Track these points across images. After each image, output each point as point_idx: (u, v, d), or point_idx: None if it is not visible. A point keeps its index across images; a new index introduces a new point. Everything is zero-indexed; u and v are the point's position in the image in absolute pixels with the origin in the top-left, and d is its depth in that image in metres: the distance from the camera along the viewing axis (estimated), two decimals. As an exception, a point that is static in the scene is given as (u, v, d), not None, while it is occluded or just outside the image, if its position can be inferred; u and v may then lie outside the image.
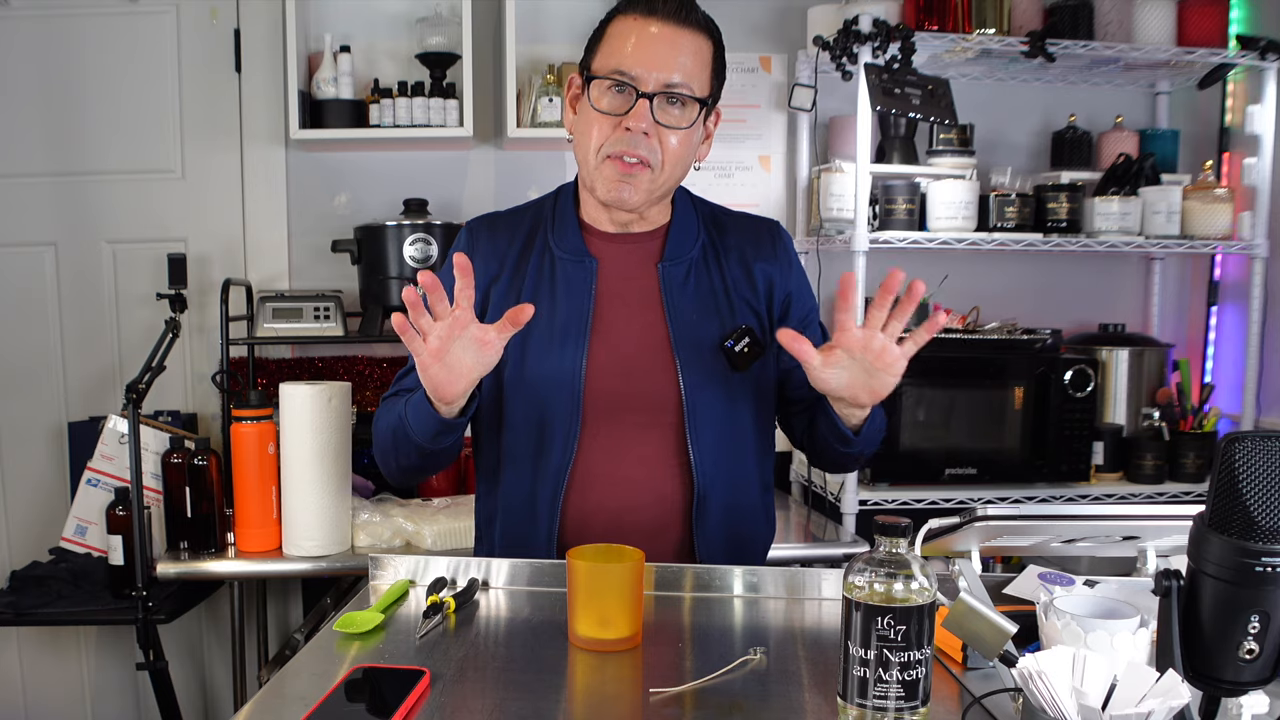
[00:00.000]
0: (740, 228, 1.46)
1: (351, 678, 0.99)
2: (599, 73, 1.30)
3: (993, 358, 2.43)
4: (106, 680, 2.63)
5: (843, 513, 2.36)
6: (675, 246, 1.39)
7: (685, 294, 1.37)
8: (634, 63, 1.27)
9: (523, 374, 1.35)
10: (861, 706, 0.88)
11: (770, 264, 1.43)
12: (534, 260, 1.38)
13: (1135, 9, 2.47)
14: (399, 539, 2.05)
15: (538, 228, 1.41)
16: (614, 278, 1.38)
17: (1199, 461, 2.51)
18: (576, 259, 1.37)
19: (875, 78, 2.28)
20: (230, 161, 2.59)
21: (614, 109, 1.29)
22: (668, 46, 1.28)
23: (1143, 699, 0.80)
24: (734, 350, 1.34)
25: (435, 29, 2.47)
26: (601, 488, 1.34)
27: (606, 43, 1.31)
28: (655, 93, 1.27)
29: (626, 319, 1.36)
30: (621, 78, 1.27)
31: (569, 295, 1.36)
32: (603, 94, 1.30)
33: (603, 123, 1.29)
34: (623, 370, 1.34)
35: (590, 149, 1.31)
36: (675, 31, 1.28)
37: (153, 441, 2.10)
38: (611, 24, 1.32)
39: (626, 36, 1.29)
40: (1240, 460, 0.79)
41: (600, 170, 1.31)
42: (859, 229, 2.34)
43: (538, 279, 1.37)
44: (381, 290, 2.39)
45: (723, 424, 1.36)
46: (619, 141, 1.28)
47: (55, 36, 2.52)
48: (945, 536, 1.19)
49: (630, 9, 1.30)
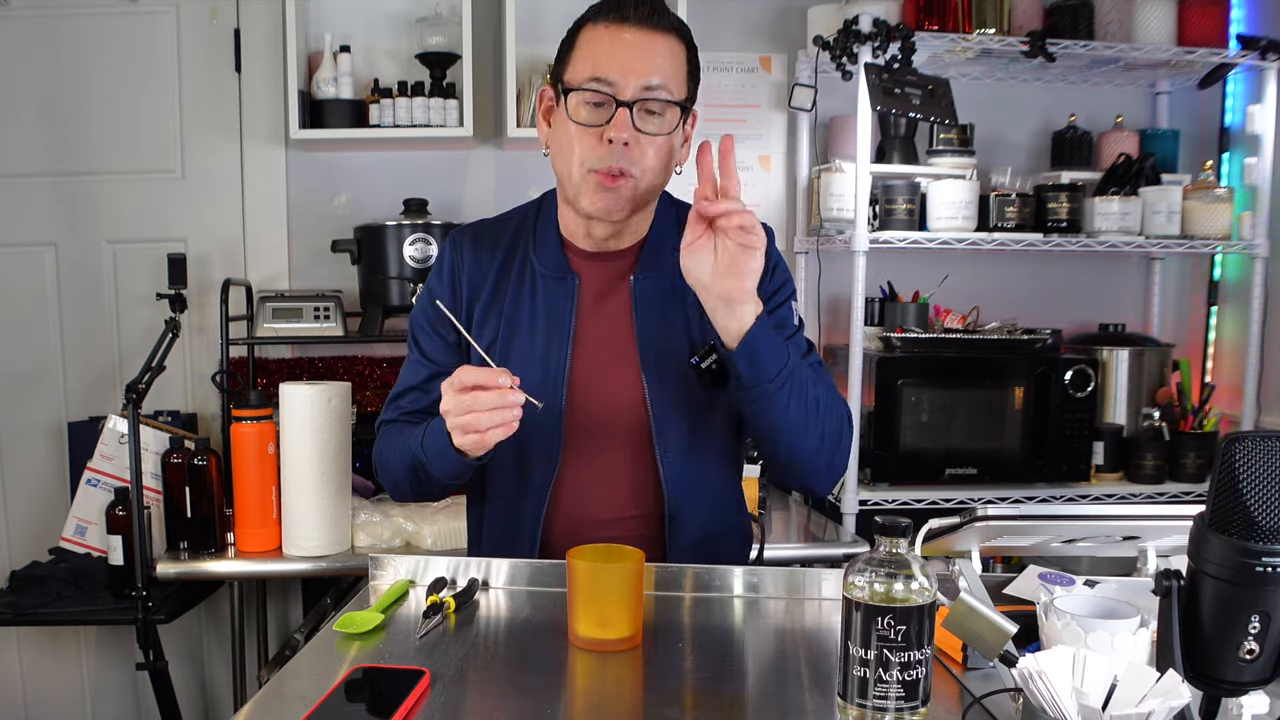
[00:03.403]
0: None
1: (351, 678, 0.99)
2: (574, 84, 1.26)
3: (993, 358, 2.43)
4: (106, 680, 2.63)
5: (843, 513, 2.36)
6: (649, 260, 1.37)
7: (655, 310, 1.35)
8: (610, 70, 1.24)
9: None
10: (861, 706, 0.88)
11: None
12: (515, 275, 1.37)
13: (1135, 9, 2.47)
14: (399, 539, 2.05)
15: (519, 241, 1.40)
16: (592, 294, 1.36)
17: (1199, 461, 2.51)
18: (558, 276, 1.36)
19: (875, 78, 2.28)
20: (230, 161, 2.59)
21: (593, 120, 1.26)
22: (643, 51, 1.25)
23: (1143, 699, 0.80)
24: (700, 367, 1.29)
25: (435, 29, 2.47)
26: (581, 505, 1.34)
27: (579, 52, 1.28)
28: (634, 100, 1.25)
29: (601, 336, 1.35)
30: (599, 87, 1.24)
31: (549, 312, 1.35)
32: (580, 105, 1.27)
33: (583, 136, 1.26)
34: (599, 389, 1.34)
35: (573, 163, 1.28)
36: (649, 36, 1.26)
37: (153, 441, 2.10)
38: (581, 33, 1.28)
39: (599, 44, 1.26)
40: (1240, 460, 0.79)
41: (585, 184, 1.28)
42: (859, 229, 2.34)
43: (518, 295, 1.36)
44: (381, 290, 2.39)
45: (692, 442, 1.35)
46: (602, 156, 1.25)
47: (55, 36, 2.52)
48: (945, 536, 1.19)
49: (600, 17, 1.27)
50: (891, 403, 2.37)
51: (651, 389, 1.32)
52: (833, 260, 2.62)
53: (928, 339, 2.44)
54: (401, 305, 2.38)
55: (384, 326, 2.40)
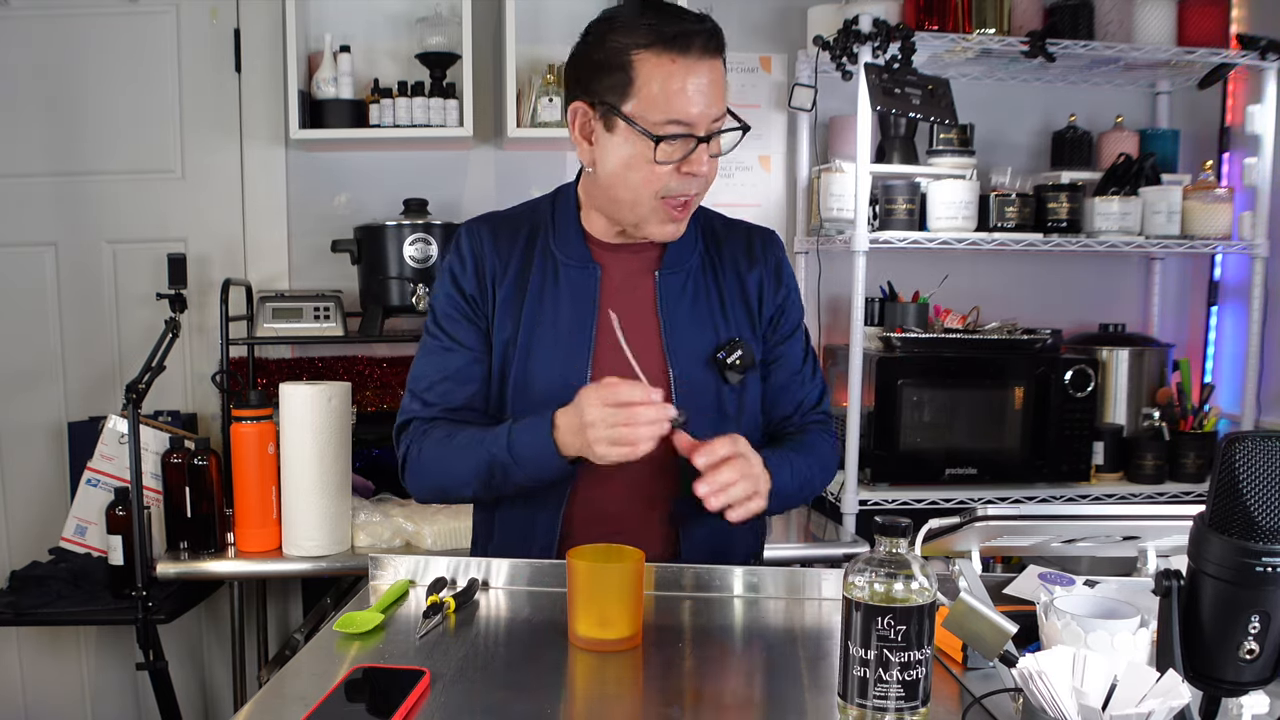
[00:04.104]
0: (735, 237, 1.45)
1: (351, 678, 0.99)
2: (649, 123, 1.24)
3: (993, 358, 2.43)
4: (106, 680, 2.63)
5: (843, 513, 2.36)
6: (674, 256, 1.39)
7: (681, 304, 1.37)
8: (687, 111, 1.23)
9: (528, 378, 1.35)
10: (861, 706, 0.88)
11: (762, 275, 1.43)
12: (537, 264, 1.38)
13: (1135, 9, 2.47)
14: (399, 539, 2.05)
15: (538, 231, 1.40)
16: (615, 285, 1.38)
17: (1199, 461, 2.51)
18: (580, 265, 1.37)
19: (875, 78, 2.28)
20: (230, 161, 2.59)
21: (670, 157, 1.26)
22: (713, 86, 1.25)
23: (1143, 699, 0.80)
24: (725, 361, 1.35)
25: (435, 29, 2.47)
26: (599, 494, 1.34)
27: (644, 86, 1.24)
28: (709, 135, 1.27)
29: (625, 328, 1.35)
30: (678, 130, 1.24)
31: (573, 301, 1.36)
32: (655, 145, 1.26)
33: (662, 168, 1.26)
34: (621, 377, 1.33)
35: (639, 191, 1.28)
36: (712, 66, 1.26)
37: (153, 441, 2.10)
38: (638, 61, 1.24)
39: (670, 81, 1.23)
40: (1240, 460, 0.79)
41: (655, 213, 1.30)
42: (859, 229, 2.34)
43: (542, 283, 1.37)
44: (381, 290, 2.39)
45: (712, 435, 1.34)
46: (680, 186, 1.28)
47: (55, 36, 2.52)
48: (945, 536, 1.19)
49: (662, 46, 1.23)
50: (891, 403, 2.37)
51: (678, 381, 1.34)
52: (833, 260, 2.62)
53: (928, 339, 2.44)
54: (401, 305, 2.38)
55: (384, 326, 2.40)
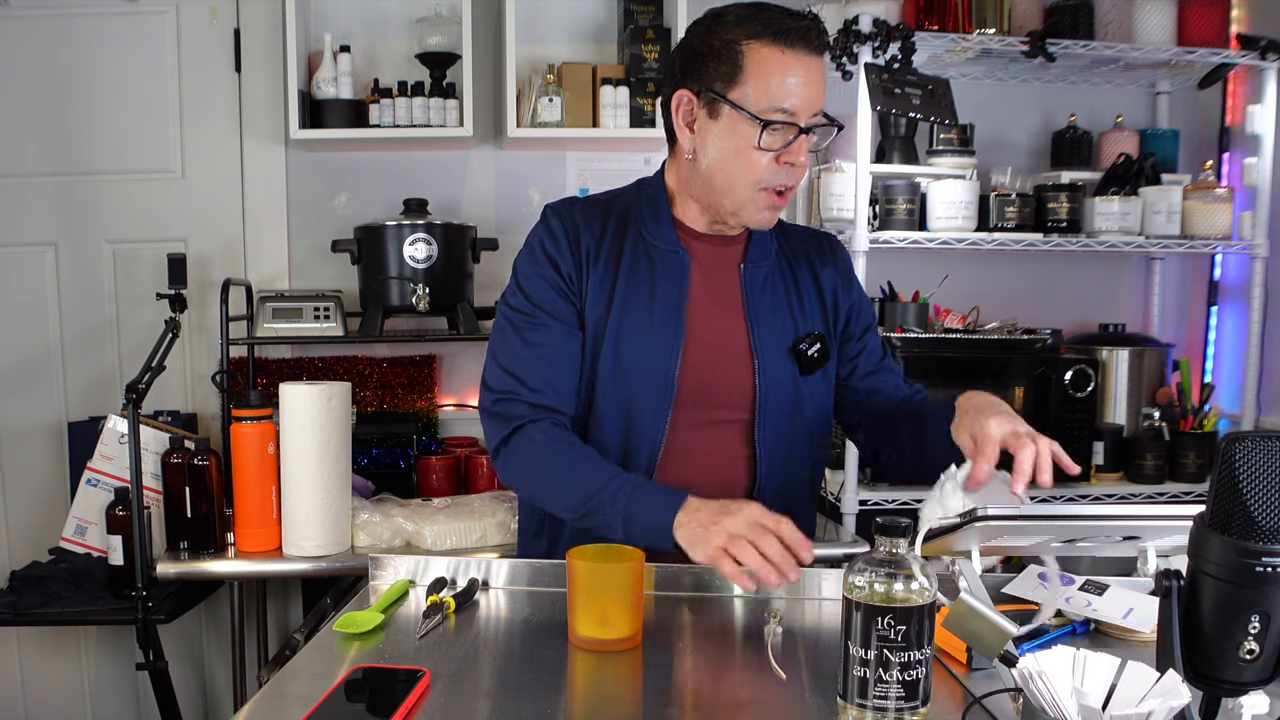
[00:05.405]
0: (804, 238, 1.53)
1: (351, 678, 0.99)
2: (755, 109, 1.29)
3: (993, 358, 2.43)
4: (106, 680, 2.63)
5: (843, 513, 2.36)
6: (757, 250, 1.46)
7: (764, 296, 1.43)
8: (793, 100, 1.29)
9: (618, 360, 1.37)
10: (861, 706, 0.88)
11: (834, 276, 1.50)
12: (628, 247, 1.41)
13: (1135, 9, 2.47)
14: (399, 539, 2.05)
15: (628, 216, 1.43)
16: (703, 274, 1.42)
17: (1199, 461, 2.51)
18: (671, 250, 1.41)
19: (875, 78, 2.28)
20: (230, 161, 2.59)
21: (772, 145, 1.31)
22: (817, 79, 1.31)
23: (1143, 699, 0.80)
24: (806, 353, 1.41)
25: (435, 29, 2.47)
26: (676, 476, 1.37)
27: (752, 73, 1.29)
28: (810, 127, 1.32)
29: (712, 315, 1.41)
30: (784, 118, 1.29)
31: (665, 285, 1.40)
32: (761, 129, 1.30)
33: (763, 156, 1.31)
34: (709, 364, 1.39)
35: (740, 179, 1.33)
36: (817, 61, 1.32)
37: (153, 441, 2.09)
38: (748, 51, 1.29)
39: (779, 71, 1.29)
40: (1240, 460, 0.79)
41: (754, 201, 1.35)
42: (859, 229, 2.34)
43: (633, 266, 1.40)
44: (381, 290, 2.38)
45: (787, 425, 1.42)
46: (779, 175, 1.33)
47: (55, 36, 2.51)
48: (945, 536, 1.19)
49: (771, 38, 1.29)
50: (891, 403, 2.36)
51: (761, 369, 1.39)
52: (833, 260, 2.62)
53: (928, 339, 2.44)
54: (401, 305, 2.37)
55: (384, 326, 2.39)
